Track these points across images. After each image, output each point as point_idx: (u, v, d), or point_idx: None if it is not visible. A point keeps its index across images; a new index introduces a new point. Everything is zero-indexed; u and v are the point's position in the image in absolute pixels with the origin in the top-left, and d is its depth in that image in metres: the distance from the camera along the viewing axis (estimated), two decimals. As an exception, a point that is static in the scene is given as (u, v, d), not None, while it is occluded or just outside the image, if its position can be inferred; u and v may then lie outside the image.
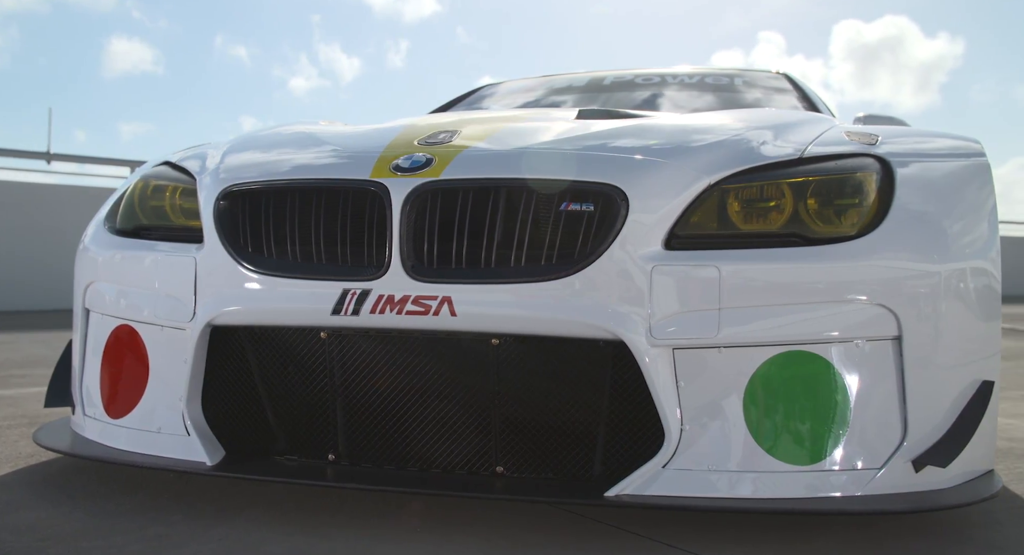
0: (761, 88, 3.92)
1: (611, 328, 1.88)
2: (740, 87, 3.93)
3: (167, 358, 2.22)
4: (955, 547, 1.96)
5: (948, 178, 2.16)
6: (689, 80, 3.99)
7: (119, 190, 2.67)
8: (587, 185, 1.94)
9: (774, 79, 4.09)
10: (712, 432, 1.91)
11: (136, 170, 2.76)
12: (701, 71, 4.15)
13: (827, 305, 1.93)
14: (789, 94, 3.86)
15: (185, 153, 2.58)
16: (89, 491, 2.28)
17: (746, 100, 3.74)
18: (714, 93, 3.82)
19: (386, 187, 1.99)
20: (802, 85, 3.99)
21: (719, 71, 4.17)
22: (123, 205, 2.49)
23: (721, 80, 4.00)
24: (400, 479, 2.04)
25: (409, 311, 1.95)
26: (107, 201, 2.68)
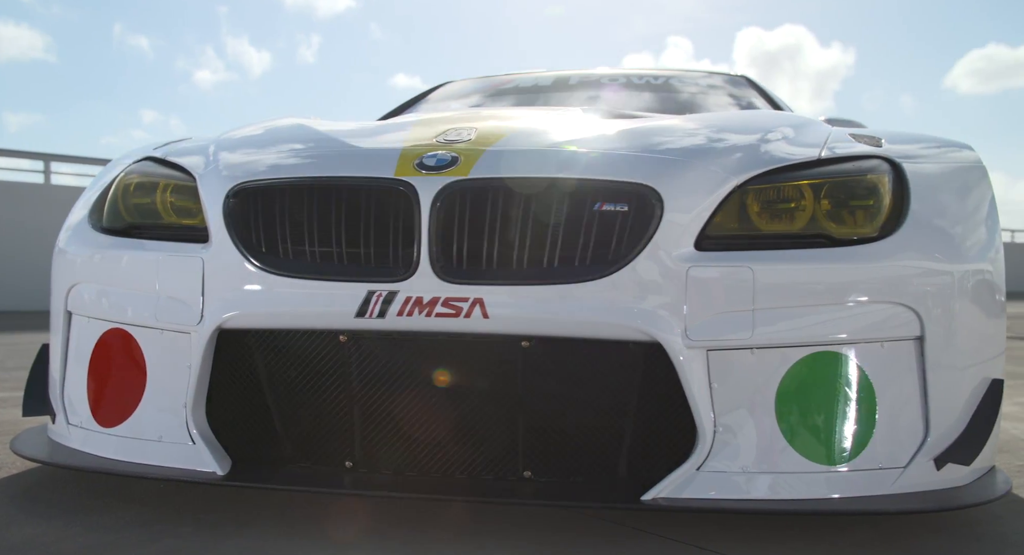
0: (726, 90, 3.95)
1: (648, 330, 1.86)
2: (706, 89, 3.95)
3: (167, 363, 2.11)
4: (973, 544, 1.98)
5: (953, 180, 2.20)
6: (655, 81, 4.00)
7: (94, 186, 2.54)
8: (621, 185, 1.91)
9: (736, 81, 4.12)
10: (745, 434, 1.90)
11: (109, 166, 2.63)
12: (665, 73, 4.16)
13: (854, 306, 1.94)
14: (754, 96, 3.90)
15: (169, 148, 2.47)
16: (78, 504, 2.16)
17: (716, 102, 3.76)
18: (682, 94, 3.83)
19: (414, 186, 1.93)
20: (764, 88, 4.04)
21: (683, 72, 4.19)
22: (108, 202, 2.36)
23: (686, 82, 4.02)
24: (423, 486, 1.99)
25: (439, 313, 1.89)
26: (82, 198, 2.54)
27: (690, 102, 3.72)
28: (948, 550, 1.93)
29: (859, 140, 2.27)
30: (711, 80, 4.09)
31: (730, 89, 3.96)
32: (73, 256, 2.34)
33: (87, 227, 2.35)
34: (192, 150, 2.36)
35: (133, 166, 2.41)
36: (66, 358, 2.32)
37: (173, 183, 2.28)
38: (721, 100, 3.80)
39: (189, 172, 2.24)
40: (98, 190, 2.48)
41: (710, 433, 1.89)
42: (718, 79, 4.12)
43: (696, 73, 4.18)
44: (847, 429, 1.93)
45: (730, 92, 3.92)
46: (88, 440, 2.21)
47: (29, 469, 2.50)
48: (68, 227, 2.44)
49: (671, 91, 3.86)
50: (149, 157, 2.44)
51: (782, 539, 1.98)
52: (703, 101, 3.77)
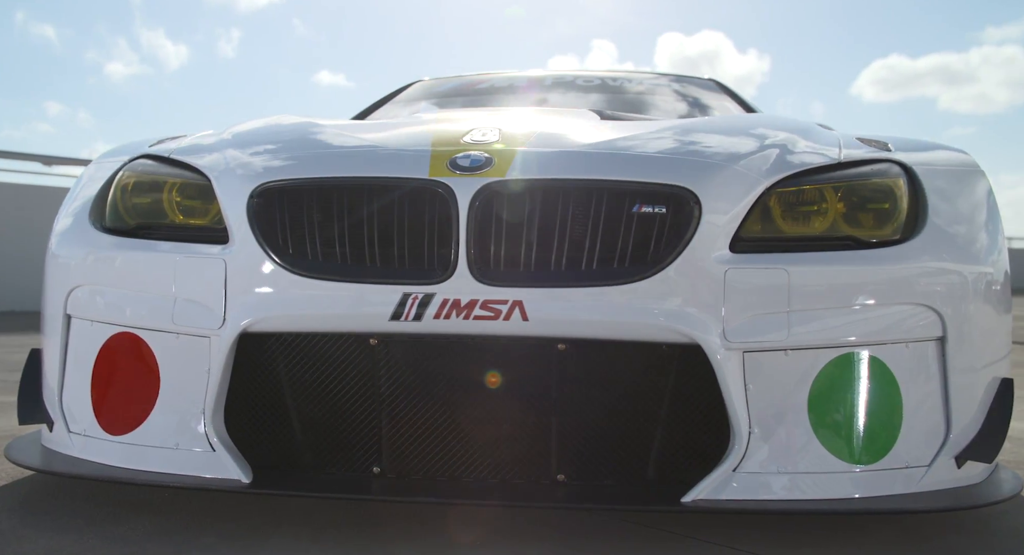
0: (701, 92, 3.98)
1: (687, 331, 1.86)
2: (681, 91, 3.98)
3: (183, 368, 2.04)
4: (995, 539, 2.03)
5: (960, 183, 2.24)
6: (629, 84, 4.01)
7: (80, 186, 2.43)
8: (659, 187, 1.91)
9: (707, 84, 4.16)
10: (779, 435, 1.92)
11: (98, 164, 2.51)
12: (635, 75, 4.17)
13: (881, 307, 1.97)
14: (726, 99, 3.94)
15: (167, 146, 2.38)
16: (83, 515, 2.08)
17: (692, 104, 3.79)
18: (659, 97, 3.85)
19: (450, 187, 1.90)
20: (734, 91, 4.08)
21: (657, 75, 4.21)
22: (110, 202, 2.27)
23: (661, 84, 4.04)
24: (453, 490, 1.96)
25: (477, 316, 1.87)
26: (69, 200, 2.43)
27: (670, 105, 3.75)
28: (970, 546, 1.98)
29: (867, 143, 2.31)
30: (683, 83, 4.12)
31: (704, 92, 4.00)
32: (73, 258, 2.24)
33: (88, 228, 2.25)
34: (198, 148, 2.29)
35: (132, 164, 2.33)
36: (64, 363, 2.22)
37: (180, 182, 2.20)
38: (699, 103, 3.82)
39: (200, 171, 2.17)
40: (92, 189, 2.38)
41: (745, 435, 1.89)
42: (689, 82, 4.15)
43: (666, 76, 4.21)
44: (876, 429, 1.96)
45: (705, 95, 3.95)
46: (93, 448, 2.12)
47: (17, 480, 2.39)
48: (62, 229, 2.33)
49: (648, 93, 3.88)
50: (146, 155, 2.35)
51: (813, 539, 2.00)
52: (682, 104, 3.79)
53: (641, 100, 3.77)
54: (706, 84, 4.17)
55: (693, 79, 4.23)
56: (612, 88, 3.94)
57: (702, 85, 4.13)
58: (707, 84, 4.17)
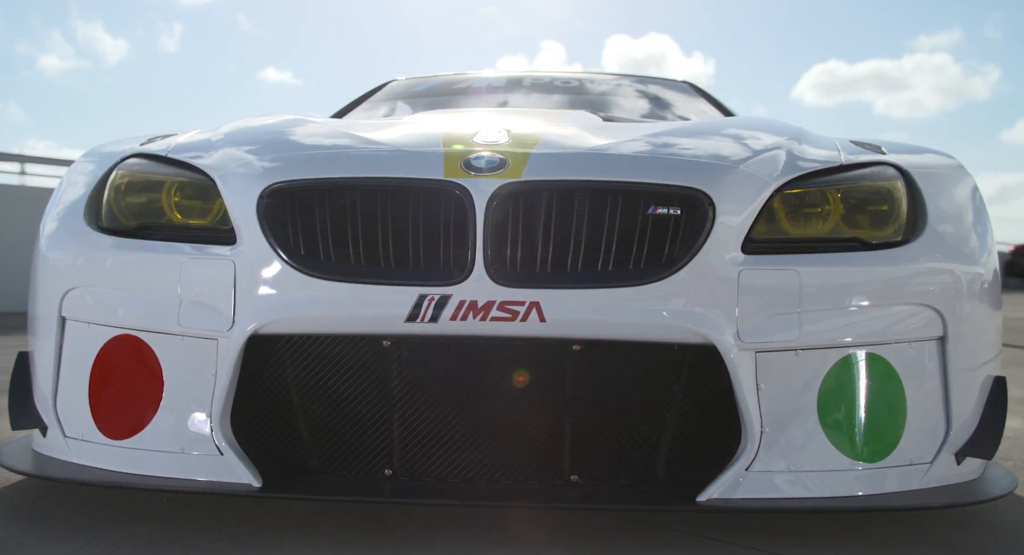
0: (677, 95, 4.02)
1: (703, 332, 1.88)
2: (659, 93, 4.01)
3: (189, 371, 2.00)
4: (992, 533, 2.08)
5: (952, 185, 2.29)
6: (606, 85, 4.04)
7: (78, 184, 2.37)
8: (673, 189, 1.92)
9: (682, 86, 4.20)
10: (790, 434, 1.94)
11: (86, 163, 2.44)
12: (614, 77, 4.20)
13: (886, 308, 2.01)
14: (702, 102, 3.98)
15: (162, 145, 2.33)
16: (85, 522, 2.03)
17: (671, 106, 3.82)
18: (639, 98, 3.88)
19: (466, 188, 1.89)
20: (709, 93, 4.13)
21: (633, 77, 4.24)
22: (107, 201, 2.22)
23: (637, 86, 4.07)
24: (467, 492, 1.95)
25: (494, 317, 1.86)
26: (60, 198, 2.37)
27: (649, 106, 3.77)
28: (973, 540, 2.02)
29: (861, 146, 2.35)
30: (659, 85, 4.16)
31: (681, 95, 4.03)
32: (67, 259, 2.19)
33: (83, 228, 2.20)
34: (195, 146, 2.25)
35: (126, 163, 2.27)
36: (59, 367, 2.17)
37: (179, 181, 2.16)
38: (680, 105, 3.86)
39: (201, 170, 2.13)
40: (82, 189, 2.32)
41: (757, 434, 1.91)
42: (665, 85, 4.19)
43: (642, 78, 4.24)
44: (882, 427, 1.99)
45: (682, 98, 3.99)
46: (92, 453, 2.08)
47: (3, 486, 2.33)
48: (53, 229, 2.27)
49: (627, 95, 3.90)
50: (139, 154, 2.30)
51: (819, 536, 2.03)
52: (661, 106, 3.82)
53: (621, 102, 3.80)
54: (681, 86, 4.20)
55: (669, 81, 4.27)
56: (591, 90, 3.96)
57: (678, 88, 4.16)
58: (683, 86, 4.20)
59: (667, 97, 3.96)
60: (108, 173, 2.29)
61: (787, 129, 2.37)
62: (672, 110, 3.75)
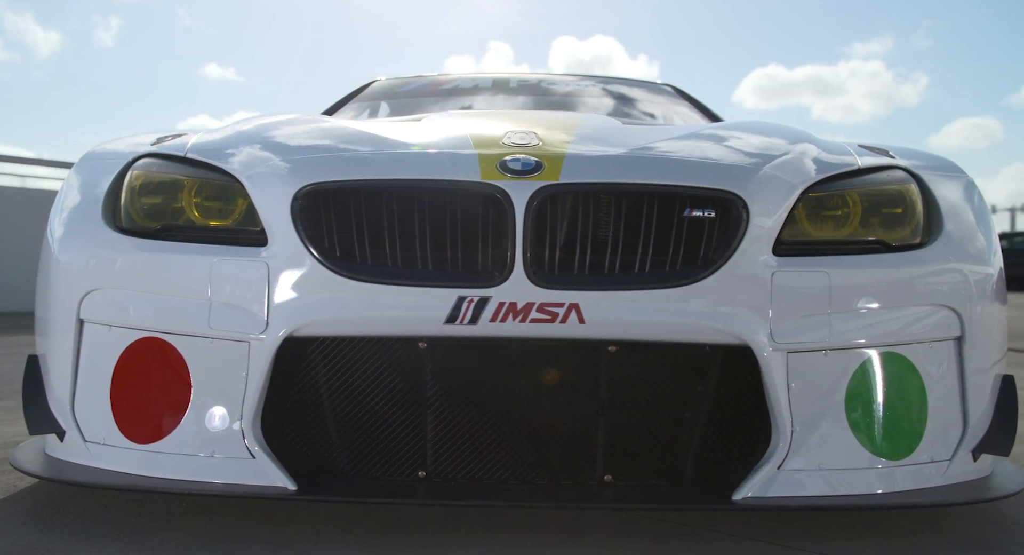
0: (662, 97, 4.06)
1: (739, 333, 1.91)
2: (642, 96, 4.05)
3: (218, 374, 1.98)
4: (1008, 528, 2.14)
5: (959, 189, 2.35)
6: (592, 87, 4.06)
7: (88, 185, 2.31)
8: (708, 191, 1.95)
9: (665, 89, 4.24)
10: (819, 432, 1.98)
11: (86, 163, 2.40)
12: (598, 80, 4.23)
13: (909, 308, 2.06)
14: (685, 105, 4.03)
15: (177, 144, 2.30)
16: (111, 527, 2.01)
17: (663, 109, 3.86)
18: (627, 101, 3.92)
19: (505, 190, 1.90)
20: (692, 96, 4.17)
21: (616, 80, 4.27)
22: (125, 202, 2.18)
23: (623, 89, 4.10)
24: (501, 493, 1.96)
25: (534, 319, 1.87)
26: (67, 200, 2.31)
27: (639, 109, 3.81)
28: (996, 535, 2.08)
29: (870, 150, 2.40)
30: (644, 88, 4.20)
31: (668, 97, 4.08)
32: (85, 261, 2.14)
33: (101, 229, 2.15)
34: (214, 146, 2.21)
35: (142, 164, 2.23)
36: (76, 370, 2.13)
37: (199, 182, 2.14)
38: (664, 107, 3.90)
39: (224, 170, 2.11)
40: (94, 190, 2.27)
41: (788, 433, 1.95)
42: (651, 87, 4.23)
43: (627, 81, 4.27)
44: (906, 425, 2.04)
45: (669, 100, 4.03)
46: (115, 458, 2.04)
47: (14, 493, 2.29)
48: (67, 231, 2.22)
49: (618, 98, 3.94)
50: (154, 154, 2.27)
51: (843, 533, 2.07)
52: (650, 108, 3.86)
53: (613, 104, 3.83)
54: (666, 90, 4.24)
55: (653, 84, 4.31)
56: (579, 92, 3.99)
57: (662, 91, 4.20)
58: (667, 90, 4.24)
59: (655, 100, 4.00)
60: (123, 174, 2.25)
61: (798, 133, 2.41)
62: (663, 113, 3.79)
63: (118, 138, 2.57)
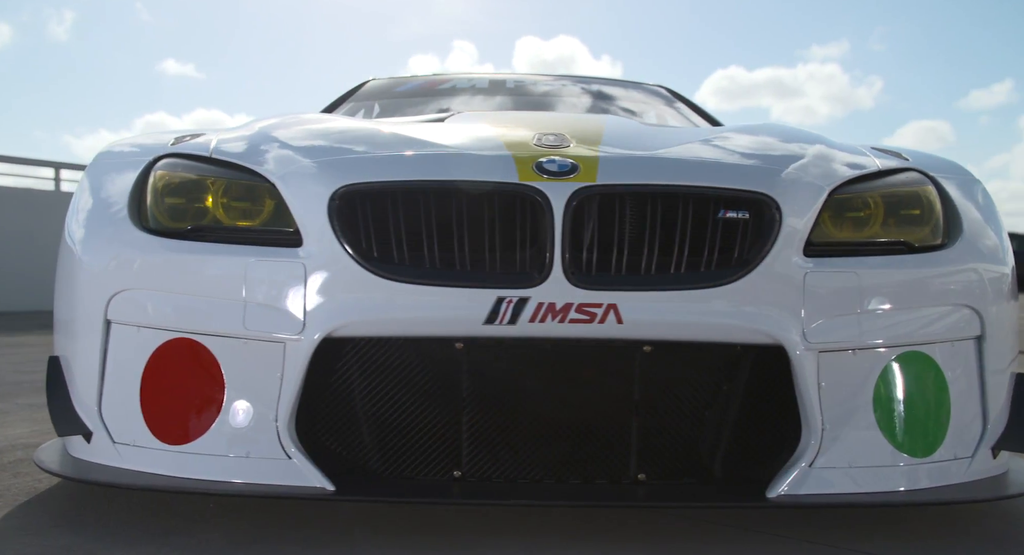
0: (658, 99, 4.10)
1: (773, 333, 1.94)
2: (640, 97, 4.08)
3: (253, 375, 1.98)
4: None
5: (971, 191, 2.40)
6: (589, 88, 4.09)
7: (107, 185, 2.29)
8: (742, 193, 1.98)
9: (660, 91, 4.28)
10: (848, 431, 2.01)
11: (102, 163, 2.38)
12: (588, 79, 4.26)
13: (933, 308, 2.10)
14: (682, 107, 4.07)
15: (199, 144, 2.29)
16: (142, 529, 2.00)
17: (656, 111, 3.89)
18: (622, 103, 3.94)
19: (544, 192, 1.91)
20: (687, 98, 4.22)
21: (611, 81, 4.30)
22: (151, 203, 2.17)
23: (619, 91, 4.14)
24: (536, 492, 1.98)
25: (573, 319, 1.89)
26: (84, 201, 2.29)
27: (642, 111, 3.84)
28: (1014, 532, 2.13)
29: (885, 153, 2.44)
30: (639, 89, 4.23)
31: (663, 99, 4.12)
32: (113, 262, 2.13)
33: (129, 230, 2.14)
34: (239, 147, 2.21)
35: (165, 163, 2.22)
36: (103, 371, 2.12)
37: (226, 182, 2.14)
38: (663, 109, 3.94)
39: (254, 171, 2.11)
40: (117, 190, 2.26)
41: (819, 431, 1.98)
42: (645, 89, 4.26)
43: (622, 82, 4.31)
44: (930, 423, 2.08)
45: (667, 102, 4.07)
46: (147, 459, 2.03)
47: (37, 494, 2.27)
48: (91, 232, 2.20)
49: (614, 99, 3.97)
50: (177, 154, 2.26)
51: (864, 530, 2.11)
52: (651, 110, 3.89)
53: (611, 106, 3.85)
54: (661, 92, 4.28)
55: (649, 86, 4.35)
56: (577, 92, 4.01)
57: (658, 93, 4.24)
58: (662, 92, 4.28)
59: (654, 101, 4.04)
60: (145, 174, 2.24)
61: (812, 136, 2.45)
62: (663, 114, 3.82)
63: (131, 137, 2.56)
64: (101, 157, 2.42)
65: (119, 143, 2.49)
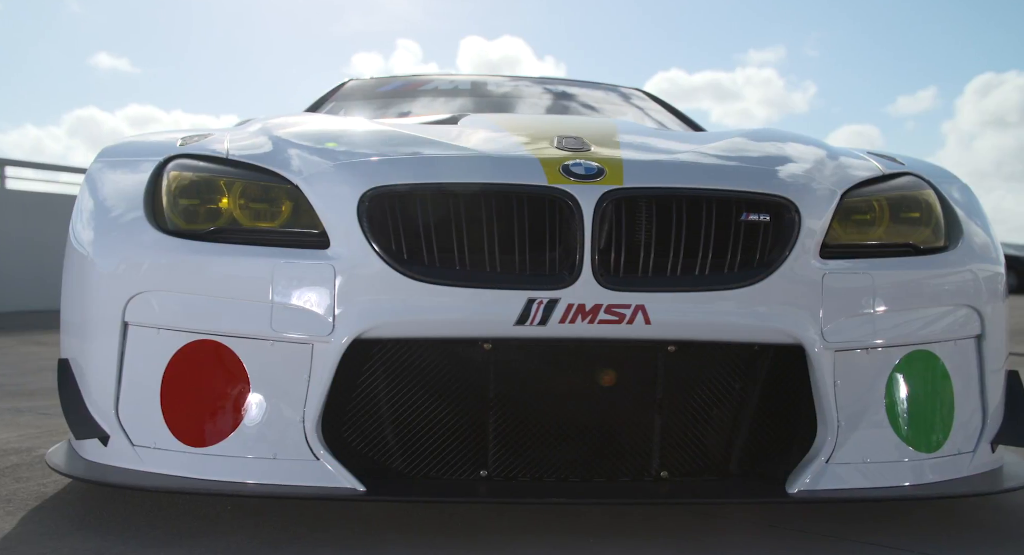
0: (641, 103, 4.15)
1: (793, 332, 1.99)
2: (616, 100, 4.13)
3: (279, 376, 1.98)
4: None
5: (963, 195, 2.48)
6: (570, 91, 4.13)
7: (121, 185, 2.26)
8: (763, 196, 2.03)
9: (638, 94, 4.33)
10: (861, 428, 2.07)
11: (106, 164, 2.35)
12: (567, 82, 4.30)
13: (938, 308, 2.18)
14: (659, 111, 4.12)
15: (211, 143, 2.28)
16: (166, 531, 2.00)
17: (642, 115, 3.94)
18: (596, 104, 4.00)
19: (573, 194, 1.94)
20: (666, 101, 4.27)
21: (590, 83, 4.34)
22: (168, 204, 2.15)
23: (596, 92, 4.18)
24: (562, 491, 2.01)
25: (602, 320, 1.92)
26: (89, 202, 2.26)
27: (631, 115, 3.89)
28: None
29: (881, 157, 2.52)
30: (617, 92, 4.28)
31: (644, 103, 4.17)
32: (130, 263, 2.11)
33: (146, 231, 2.11)
34: (256, 148, 2.21)
35: (178, 164, 2.20)
36: (120, 374, 2.10)
37: (243, 183, 2.13)
38: (643, 112, 3.99)
39: (273, 172, 2.10)
40: (128, 190, 2.23)
41: (835, 428, 2.04)
42: (625, 93, 4.31)
43: (600, 86, 4.35)
44: (937, 420, 2.15)
45: (647, 106, 4.12)
46: (170, 461, 2.02)
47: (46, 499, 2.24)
48: (104, 234, 2.17)
49: (593, 101, 4.01)
50: (190, 154, 2.24)
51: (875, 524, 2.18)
52: (638, 114, 3.94)
53: (598, 109, 3.90)
54: (637, 94, 4.33)
55: (626, 89, 4.40)
56: (557, 94, 4.05)
57: (637, 96, 4.29)
58: (638, 94, 4.33)
59: (637, 105, 4.09)
60: (158, 175, 2.22)
61: (815, 140, 2.52)
62: (652, 117, 3.87)
63: (133, 137, 2.54)
64: (103, 157, 2.39)
65: (120, 143, 2.47)
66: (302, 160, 2.11)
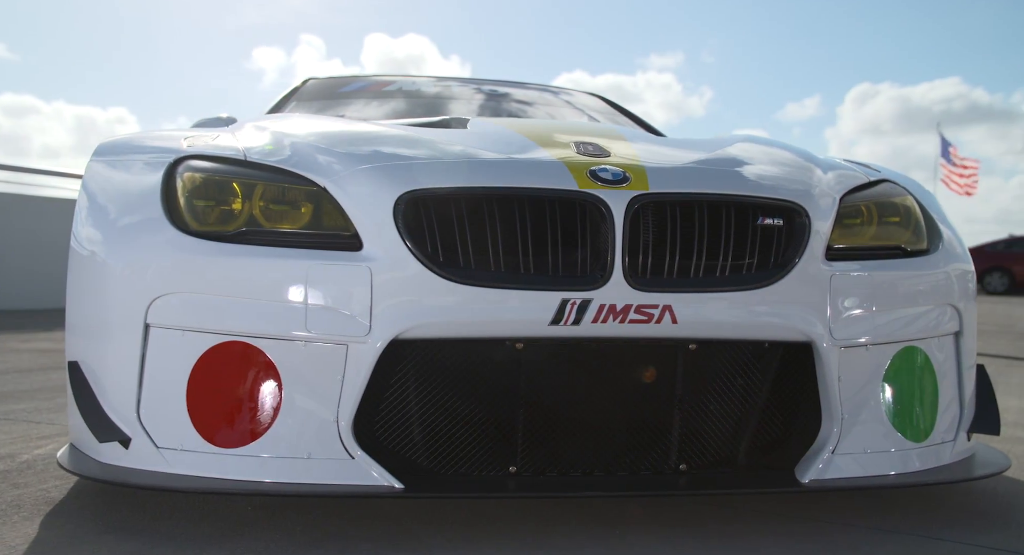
0: (591, 106, 4.26)
1: (805, 330, 2.11)
2: (575, 104, 4.24)
3: (313, 377, 2.00)
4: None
5: (931, 200, 2.66)
6: (533, 94, 4.22)
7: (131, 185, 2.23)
8: (776, 202, 2.15)
9: (594, 99, 4.45)
10: (862, 420, 2.21)
11: (112, 163, 2.32)
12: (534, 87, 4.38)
13: (925, 306, 2.34)
14: (617, 116, 4.24)
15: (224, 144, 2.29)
16: (197, 533, 2.00)
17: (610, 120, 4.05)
18: (555, 108, 4.10)
19: (604, 199, 2.02)
20: (622, 107, 4.40)
21: (550, 88, 4.43)
22: (186, 206, 2.14)
23: (563, 96, 4.28)
24: (588, 485, 2.09)
25: (632, 319, 2.01)
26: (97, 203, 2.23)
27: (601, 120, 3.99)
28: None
29: (858, 165, 2.67)
30: (573, 96, 4.38)
31: (606, 108, 4.28)
32: (152, 265, 2.09)
33: (169, 232, 2.10)
34: (275, 149, 2.22)
35: (192, 165, 2.19)
36: (142, 376, 2.09)
37: (264, 185, 2.14)
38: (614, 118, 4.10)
39: (300, 175, 2.12)
40: (138, 190, 2.21)
41: (840, 420, 2.17)
42: (580, 95, 4.42)
43: (558, 90, 4.45)
44: (926, 411, 2.31)
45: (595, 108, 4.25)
46: (200, 463, 2.02)
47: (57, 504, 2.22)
48: (121, 235, 2.15)
49: (553, 106, 4.11)
50: (202, 155, 2.24)
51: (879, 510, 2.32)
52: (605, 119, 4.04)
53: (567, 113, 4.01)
54: (593, 98, 4.45)
55: (585, 93, 4.50)
56: (517, 99, 4.15)
57: (589, 100, 4.41)
58: (594, 98, 4.45)
59: (602, 111, 4.20)
60: (170, 176, 2.20)
61: (798, 149, 2.65)
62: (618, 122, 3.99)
63: (130, 135, 2.50)
64: (101, 158, 2.36)
65: (117, 141, 2.44)
66: (328, 163, 2.13)
